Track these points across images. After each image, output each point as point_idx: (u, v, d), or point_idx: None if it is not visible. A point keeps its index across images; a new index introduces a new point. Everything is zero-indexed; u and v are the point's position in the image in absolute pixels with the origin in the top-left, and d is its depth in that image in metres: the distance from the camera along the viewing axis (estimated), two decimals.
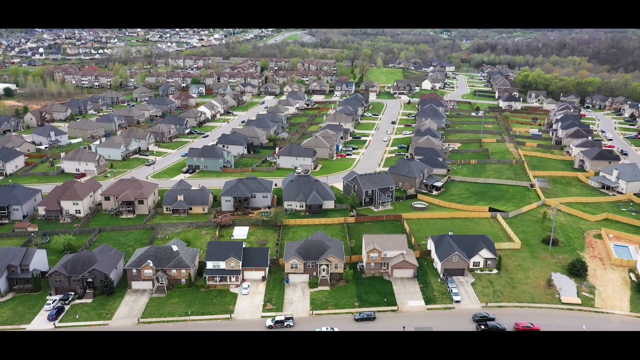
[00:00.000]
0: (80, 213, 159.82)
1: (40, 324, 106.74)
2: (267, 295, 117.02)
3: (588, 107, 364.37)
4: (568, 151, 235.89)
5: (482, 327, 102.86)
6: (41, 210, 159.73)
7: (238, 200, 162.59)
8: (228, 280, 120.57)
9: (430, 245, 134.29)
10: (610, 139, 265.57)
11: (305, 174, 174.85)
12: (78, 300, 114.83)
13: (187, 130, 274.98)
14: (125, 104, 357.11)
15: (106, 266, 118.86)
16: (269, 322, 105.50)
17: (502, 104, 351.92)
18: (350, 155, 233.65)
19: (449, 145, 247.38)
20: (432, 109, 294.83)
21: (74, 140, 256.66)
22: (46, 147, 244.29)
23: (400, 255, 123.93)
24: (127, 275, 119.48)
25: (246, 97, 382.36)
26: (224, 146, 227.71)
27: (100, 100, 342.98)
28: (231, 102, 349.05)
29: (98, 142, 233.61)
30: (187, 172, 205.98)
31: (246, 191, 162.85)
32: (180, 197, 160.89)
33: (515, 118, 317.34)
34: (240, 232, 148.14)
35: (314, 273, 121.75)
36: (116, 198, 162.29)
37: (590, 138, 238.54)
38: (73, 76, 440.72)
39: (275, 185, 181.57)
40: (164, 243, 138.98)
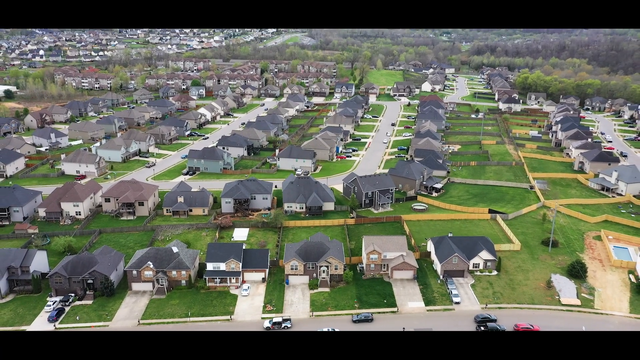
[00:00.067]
0: (80, 215, 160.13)
1: (40, 325, 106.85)
2: (267, 296, 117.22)
3: (588, 109, 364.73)
4: (568, 153, 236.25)
5: (482, 329, 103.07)
6: (41, 212, 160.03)
7: (238, 202, 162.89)
8: (228, 281, 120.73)
9: (430, 246, 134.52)
10: (610, 141, 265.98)
11: (305, 176, 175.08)
12: (78, 302, 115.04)
13: (187, 132, 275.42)
14: (126, 106, 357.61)
15: (106, 268, 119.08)
16: (266, 324, 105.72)
17: (502, 106, 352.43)
18: (350, 157, 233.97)
19: (449, 147, 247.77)
20: (432, 111, 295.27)
21: (74, 142, 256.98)
22: (46, 149, 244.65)
23: (400, 257, 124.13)
24: (128, 276, 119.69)
25: (246, 99, 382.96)
26: (224, 148, 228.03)
27: (100, 102, 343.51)
28: (231, 104, 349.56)
29: (98, 144, 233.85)
30: (187, 174, 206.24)
31: (246, 193, 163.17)
32: (180, 199, 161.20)
33: (515, 120, 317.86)
34: (240, 234, 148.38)
35: (314, 274, 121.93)
36: (116, 200, 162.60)
37: (589, 140, 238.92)
38: (73, 78, 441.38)
39: (275, 187, 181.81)
40: (164, 244, 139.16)
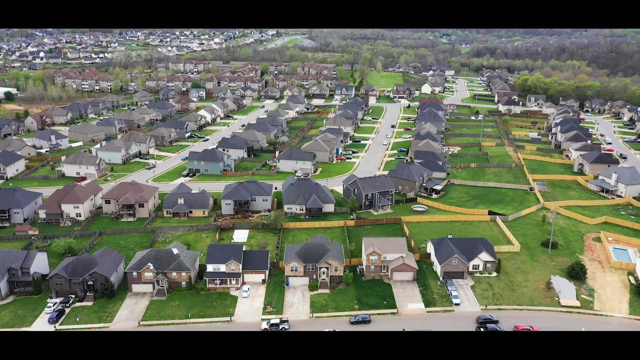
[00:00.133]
0: (80, 216, 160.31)
1: (40, 326, 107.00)
2: (267, 298, 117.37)
3: (587, 111, 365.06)
4: (567, 155, 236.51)
5: (482, 330, 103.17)
6: (42, 214, 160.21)
7: (238, 204, 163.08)
8: (228, 283, 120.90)
9: (430, 248, 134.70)
10: (610, 143, 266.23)
11: (305, 178, 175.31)
12: (79, 303, 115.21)
13: (188, 134, 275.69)
14: (126, 107, 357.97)
15: (107, 269, 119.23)
16: (264, 325, 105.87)
17: (502, 107, 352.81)
18: (350, 158, 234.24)
19: (449, 148, 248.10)
20: (432, 112, 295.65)
21: (74, 144, 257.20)
22: (47, 151, 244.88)
23: (400, 258, 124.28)
24: (128, 278, 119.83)
25: (246, 101, 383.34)
26: (224, 150, 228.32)
27: (100, 104, 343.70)
28: (231, 106, 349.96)
29: (98, 146, 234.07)
30: (188, 176, 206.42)
31: (246, 194, 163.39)
32: (180, 201, 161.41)
33: (515, 122, 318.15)
34: (240, 235, 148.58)
35: (314, 276, 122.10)
36: (117, 201, 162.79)
37: (589, 142, 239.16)
38: (74, 80, 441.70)
39: (275, 188, 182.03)
40: (164, 246, 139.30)
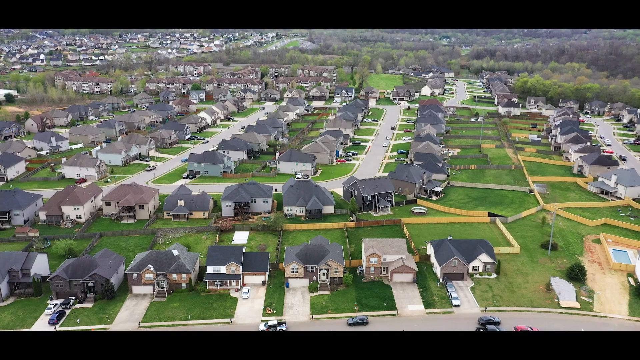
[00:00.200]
0: (81, 218, 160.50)
1: (41, 328, 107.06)
2: (268, 299, 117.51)
3: (587, 113, 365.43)
4: (567, 156, 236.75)
5: (481, 331, 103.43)
6: (42, 215, 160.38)
7: (238, 205, 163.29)
8: (228, 284, 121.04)
9: (430, 249, 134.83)
10: (609, 145, 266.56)
11: (305, 179, 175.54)
12: (79, 305, 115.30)
13: (188, 136, 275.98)
14: (126, 109, 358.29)
15: (107, 271, 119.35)
16: (261, 327, 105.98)
17: (501, 109, 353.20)
18: (350, 160, 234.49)
19: (449, 150, 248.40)
20: (432, 114, 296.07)
21: (74, 146, 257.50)
22: (47, 153, 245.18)
23: (399, 260, 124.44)
24: (128, 279, 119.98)
25: (246, 103, 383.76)
26: (224, 152, 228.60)
27: (101, 106, 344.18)
28: (231, 108, 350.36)
29: (99, 148, 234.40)
30: (188, 178, 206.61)
31: (246, 196, 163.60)
32: (180, 202, 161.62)
33: (515, 124, 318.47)
34: (240, 237, 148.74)
35: (314, 277, 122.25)
36: (117, 203, 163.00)
37: (589, 143, 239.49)
38: (74, 82, 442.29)
39: (276, 190, 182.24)
40: (164, 248, 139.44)
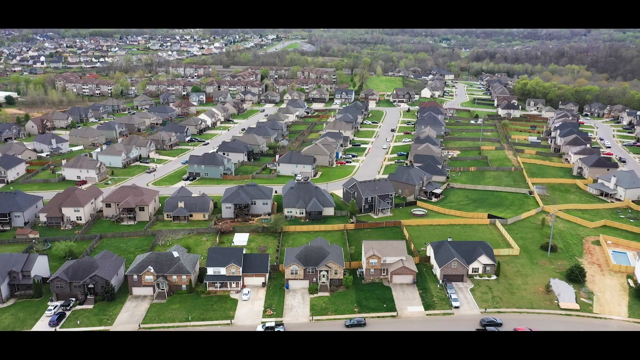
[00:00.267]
0: (81, 220, 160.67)
1: (41, 329, 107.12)
2: (268, 301, 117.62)
3: (586, 115, 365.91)
4: (567, 158, 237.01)
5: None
6: (42, 217, 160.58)
7: (238, 207, 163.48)
8: (228, 286, 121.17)
9: (430, 251, 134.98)
10: (609, 147, 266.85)
11: (305, 181, 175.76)
12: (79, 306, 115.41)
13: (188, 138, 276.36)
14: (126, 111, 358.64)
15: (107, 272, 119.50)
16: (259, 329, 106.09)
17: (501, 112, 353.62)
18: (350, 162, 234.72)
19: (448, 152, 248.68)
20: (432, 116, 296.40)
21: (75, 148, 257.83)
22: (47, 155, 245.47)
23: (399, 262, 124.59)
24: (128, 281, 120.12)
25: (246, 105, 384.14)
26: (224, 154, 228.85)
27: (101, 108, 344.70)
28: (231, 110, 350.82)
29: (99, 150, 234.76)
30: (188, 180, 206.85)
31: (246, 198, 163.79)
32: (180, 204, 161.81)
33: (514, 126, 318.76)
34: (240, 239, 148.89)
35: (314, 279, 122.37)
36: (117, 205, 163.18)
37: (588, 145, 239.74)
38: (74, 84, 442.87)
39: (276, 192, 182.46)
40: (164, 249, 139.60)
